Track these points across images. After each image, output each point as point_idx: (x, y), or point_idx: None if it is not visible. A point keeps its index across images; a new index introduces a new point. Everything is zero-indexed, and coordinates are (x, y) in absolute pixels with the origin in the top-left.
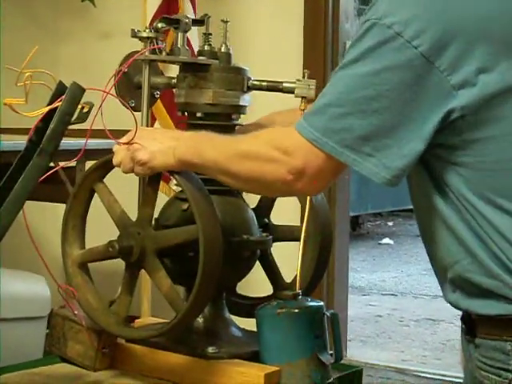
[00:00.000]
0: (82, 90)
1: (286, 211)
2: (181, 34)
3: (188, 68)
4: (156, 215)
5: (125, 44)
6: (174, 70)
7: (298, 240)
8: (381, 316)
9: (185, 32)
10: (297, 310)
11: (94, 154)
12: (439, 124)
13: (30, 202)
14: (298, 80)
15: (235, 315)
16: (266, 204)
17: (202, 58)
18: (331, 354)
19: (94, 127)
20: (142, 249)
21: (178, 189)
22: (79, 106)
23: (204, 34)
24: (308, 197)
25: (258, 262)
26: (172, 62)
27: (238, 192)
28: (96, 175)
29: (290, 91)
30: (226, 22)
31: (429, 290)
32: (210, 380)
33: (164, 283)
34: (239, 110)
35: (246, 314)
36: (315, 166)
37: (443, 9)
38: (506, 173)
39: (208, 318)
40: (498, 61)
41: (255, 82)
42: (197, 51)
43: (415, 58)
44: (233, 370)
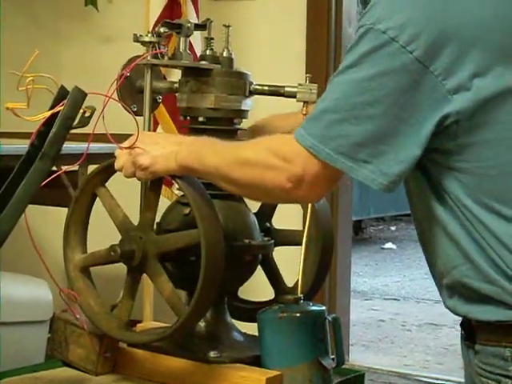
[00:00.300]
0: (84, 95)
1: (288, 215)
2: (183, 39)
3: (190, 72)
4: (158, 219)
5: (127, 48)
6: (176, 75)
7: (300, 244)
8: (383, 320)
9: (187, 36)
10: (298, 315)
11: (96, 158)
12: (435, 128)
13: (31, 206)
14: (299, 84)
15: (237, 319)
16: (267, 208)
17: (204, 62)
18: (333, 359)
19: (96, 131)
20: (144, 253)
21: (180, 193)
22: (81, 111)
23: (206, 38)
24: None
25: (259, 267)
26: (174, 67)
27: (239, 196)
28: (98, 179)
29: (292, 96)
30: (228, 26)
31: (431, 295)
32: None
33: (166, 287)
34: (241, 114)
35: (247, 318)
36: (313, 173)
37: (441, 10)
38: (503, 177)
39: (210, 322)
40: (493, 65)
41: (257, 87)
42: (199, 56)
43: (410, 63)
44: (234, 374)
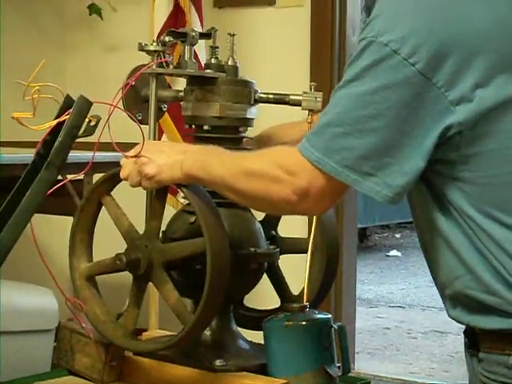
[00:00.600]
0: (90, 104)
1: (293, 223)
2: (188, 48)
3: (195, 81)
4: (163, 228)
5: (132, 57)
6: (181, 83)
7: (306, 252)
8: (388, 328)
9: (192, 45)
10: (304, 323)
11: (101, 167)
12: (438, 140)
13: (37, 215)
14: (304, 93)
15: (242, 328)
16: (273, 216)
17: (209, 71)
18: (339, 367)
19: (101, 140)
20: (150, 261)
21: (186, 202)
22: (86, 120)
23: (211, 47)
24: None
25: (265, 275)
26: (179, 75)
27: None
28: (103, 188)
29: (297, 104)
30: (233, 35)
31: (436, 302)
32: None
33: (171, 296)
34: (246, 122)
35: (253, 326)
36: (319, 186)
37: (441, 21)
38: (505, 186)
39: (215, 330)
40: (494, 75)
41: (262, 95)
42: (204, 64)
43: (413, 76)
44: (240, 382)
